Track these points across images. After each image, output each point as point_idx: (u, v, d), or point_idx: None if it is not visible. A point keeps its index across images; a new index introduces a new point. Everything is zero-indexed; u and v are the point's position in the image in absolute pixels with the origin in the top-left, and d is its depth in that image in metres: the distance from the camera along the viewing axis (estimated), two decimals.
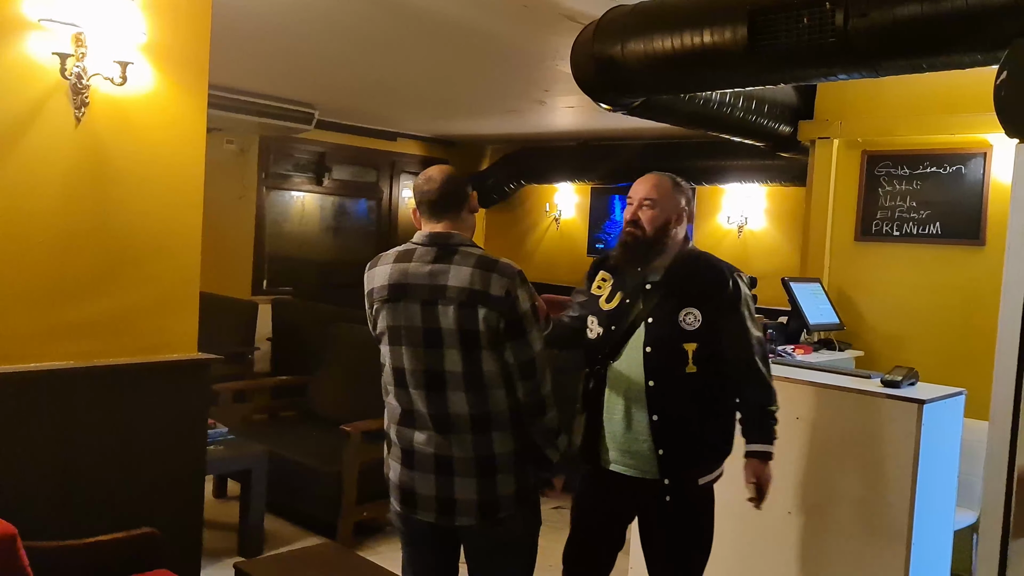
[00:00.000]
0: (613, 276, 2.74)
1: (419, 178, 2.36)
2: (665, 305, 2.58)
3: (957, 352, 4.43)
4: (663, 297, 2.60)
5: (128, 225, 3.00)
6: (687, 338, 2.55)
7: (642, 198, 2.63)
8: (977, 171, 4.58)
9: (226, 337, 6.32)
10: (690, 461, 2.60)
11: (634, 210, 2.63)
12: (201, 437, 3.30)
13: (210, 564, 3.92)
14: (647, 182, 2.67)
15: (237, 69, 5.76)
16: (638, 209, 2.63)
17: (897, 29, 2.82)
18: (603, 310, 2.69)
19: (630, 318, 2.62)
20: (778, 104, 4.97)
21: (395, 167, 9.42)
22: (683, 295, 2.58)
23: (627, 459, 2.61)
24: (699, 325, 2.55)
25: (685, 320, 2.56)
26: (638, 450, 2.58)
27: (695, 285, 2.60)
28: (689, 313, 2.56)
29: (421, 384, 2.26)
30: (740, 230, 7.96)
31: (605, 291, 2.73)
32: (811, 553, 3.26)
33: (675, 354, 2.55)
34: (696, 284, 2.61)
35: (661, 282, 2.62)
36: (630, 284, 2.67)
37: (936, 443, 3.08)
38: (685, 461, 2.58)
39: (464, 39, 4.66)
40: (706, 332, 2.55)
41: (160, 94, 3.03)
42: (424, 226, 2.35)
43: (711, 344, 2.56)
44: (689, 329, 2.55)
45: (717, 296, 2.58)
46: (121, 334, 3.01)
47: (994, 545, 2.04)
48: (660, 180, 2.66)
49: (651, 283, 2.63)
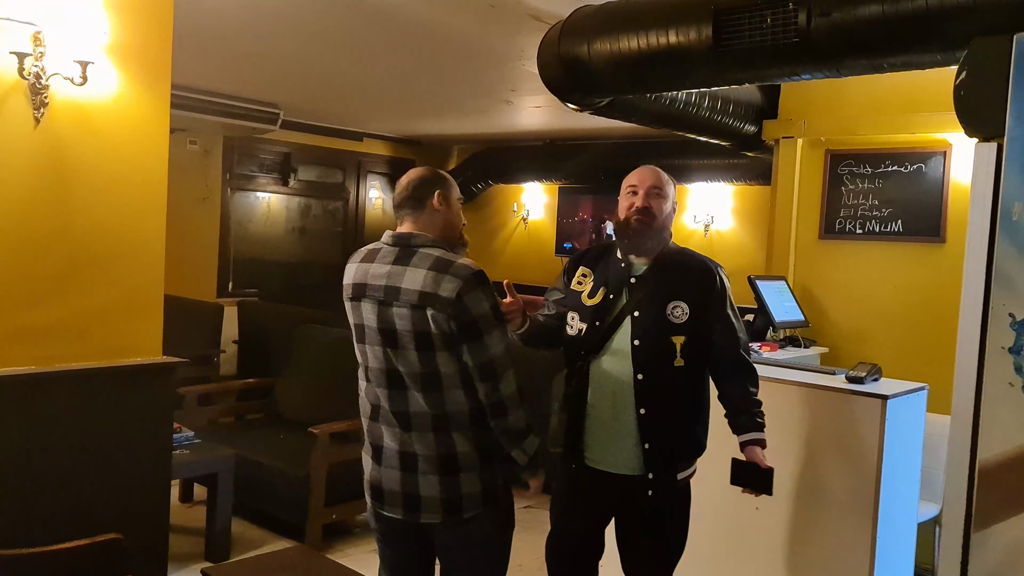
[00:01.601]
0: (594, 271, 2.71)
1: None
2: (652, 299, 2.58)
3: (919, 348, 4.50)
4: (650, 291, 2.59)
5: (90, 227, 2.96)
6: (675, 331, 2.54)
7: (651, 186, 2.62)
8: (937, 170, 4.66)
9: (191, 340, 6.23)
10: (674, 455, 2.60)
11: (644, 198, 2.61)
12: (166, 441, 3.26)
13: (177, 569, 3.88)
14: (653, 172, 2.67)
15: (200, 69, 5.69)
16: (648, 197, 2.61)
17: (859, 29, 2.86)
18: (586, 305, 2.66)
19: (614, 312, 2.60)
20: (743, 104, 5.02)
21: (361, 167, 9.36)
22: (670, 289, 2.58)
23: (610, 456, 2.59)
24: (687, 318, 2.55)
25: (673, 313, 2.55)
26: (622, 446, 2.57)
27: (682, 279, 2.61)
28: (677, 306, 2.56)
29: (384, 382, 2.29)
30: (706, 229, 8.02)
31: (587, 286, 2.69)
32: (778, 547, 3.29)
33: (663, 347, 2.54)
34: (683, 278, 2.61)
35: (646, 276, 2.61)
36: (613, 278, 2.65)
37: (899, 437, 3.13)
38: (669, 455, 2.59)
39: (430, 38, 4.64)
40: (693, 325, 2.55)
41: (122, 94, 2.99)
42: (397, 228, 2.38)
43: (698, 338, 2.57)
44: (677, 322, 2.55)
45: (706, 290, 2.60)
46: (84, 338, 2.97)
47: (956, 537, 2.08)
48: (662, 172, 2.68)
49: (636, 277, 2.62)
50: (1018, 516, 1.99)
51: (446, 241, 2.32)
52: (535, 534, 2.79)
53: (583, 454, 2.63)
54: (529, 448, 2.31)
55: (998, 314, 2.03)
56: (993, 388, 2.03)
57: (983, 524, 2.04)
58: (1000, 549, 2.01)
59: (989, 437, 2.03)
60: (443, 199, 2.34)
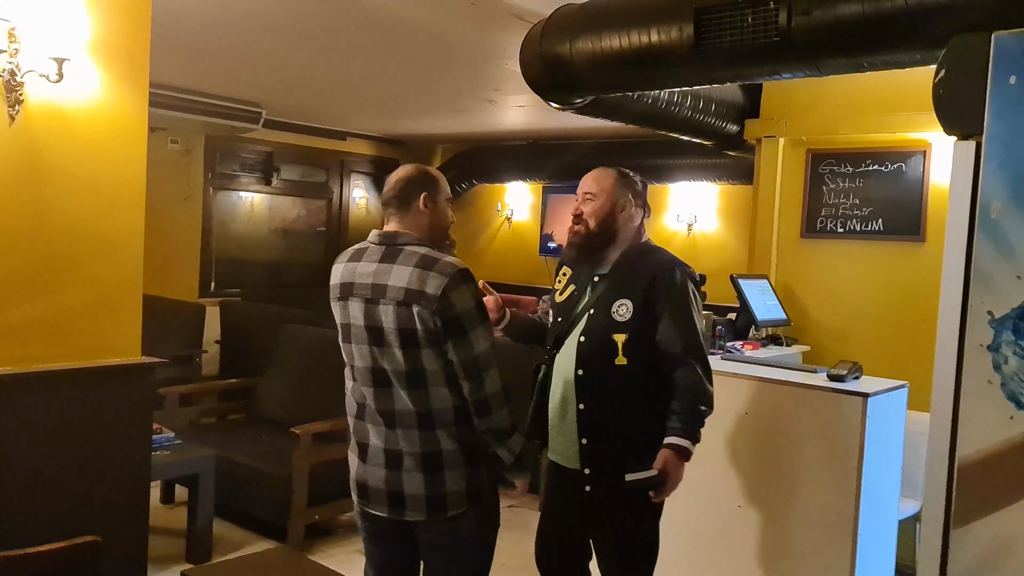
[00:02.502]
0: (572, 270, 2.79)
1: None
2: (606, 297, 2.62)
3: (900, 346, 4.52)
4: (606, 289, 2.63)
5: (66, 226, 2.92)
6: (617, 328, 2.55)
7: (584, 192, 2.68)
8: (917, 169, 4.69)
9: (173, 340, 6.19)
10: (612, 454, 2.57)
11: (578, 204, 2.67)
12: (146, 442, 3.23)
13: (157, 572, 3.85)
14: (588, 176, 2.72)
15: (181, 67, 5.65)
16: (581, 203, 2.67)
17: (839, 28, 2.86)
18: (556, 303, 2.77)
19: (577, 310, 2.66)
20: (725, 103, 5.03)
21: (345, 167, 9.32)
22: (621, 287, 2.60)
23: (560, 448, 2.67)
24: (630, 316, 2.54)
25: (617, 311, 2.57)
26: (568, 439, 2.63)
27: (634, 276, 2.61)
28: (622, 304, 2.57)
29: (369, 381, 2.30)
30: (690, 228, 8.04)
31: (561, 284, 2.79)
32: (761, 545, 3.30)
33: (605, 344, 2.56)
34: (635, 275, 2.61)
35: (607, 274, 2.66)
36: (582, 277, 2.72)
37: (880, 435, 3.15)
38: (606, 453, 2.57)
39: (413, 37, 4.63)
40: (637, 324, 2.54)
41: (99, 92, 2.95)
42: (384, 227, 2.39)
43: (643, 336, 2.54)
44: (620, 320, 2.56)
45: (654, 288, 2.56)
46: (60, 338, 2.93)
47: (936, 534, 2.09)
48: (601, 173, 2.70)
49: (599, 275, 2.68)
50: (997, 513, 2.00)
51: (432, 240, 2.33)
52: (519, 533, 2.80)
53: (547, 446, 2.72)
54: (514, 447, 2.32)
55: (977, 312, 2.03)
56: (972, 386, 2.04)
57: (962, 521, 2.05)
58: (979, 546, 2.02)
59: (968, 434, 2.04)
60: (429, 201, 2.34)
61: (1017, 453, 1.97)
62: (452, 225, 2.45)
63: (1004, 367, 1.99)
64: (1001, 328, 2.00)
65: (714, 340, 4.16)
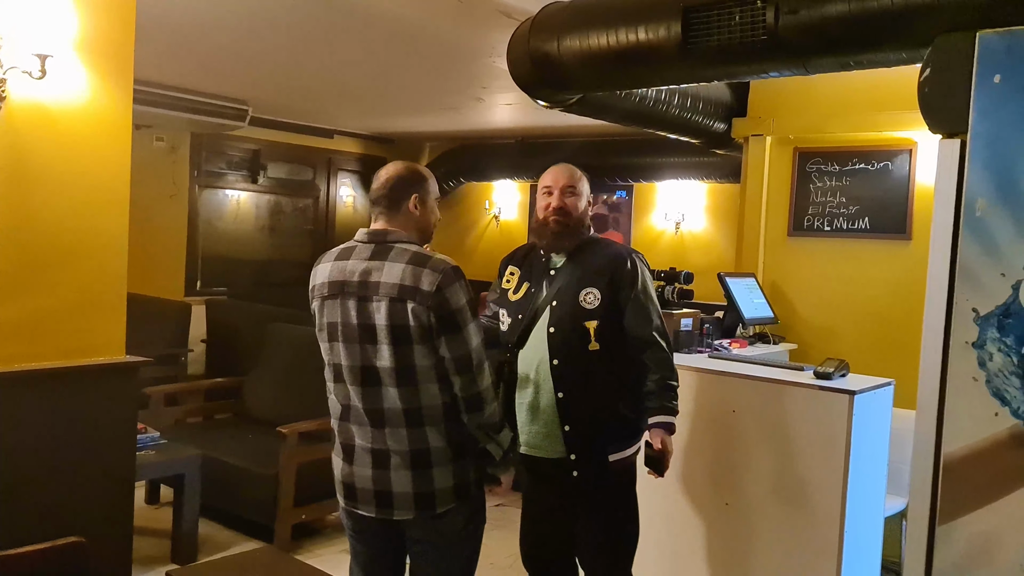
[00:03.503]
0: (520, 269, 2.87)
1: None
2: (567, 288, 2.70)
3: (886, 343, 4.54)
4: (566, 280, 2.71)
5: (49, 224, 2.90)
6: (587, 316, 2.66)
7: (565, 186, 2.77)
8: (903, 167, 4.71)
9: (158, 339, 6.15)
10: (596, 436, 2.68)
11: (560, 198, 2.74)
12: (130, 442, 3.21)
13: (142, 572, 3.83)
14: (565, 171, 2.81)
15: (166, 64, 5.61)
16: (563, 197, 2.75)
17: (826, 26, 2.87)
18: (511, 301, 2.82)
19: (536, 304, 2.73)
20: (712, 101, 5.04)
21: (332, 165, 9.29)
22: (584, 277, 2.70)
23: (537, 440, 2.70)
24: (598, 304, 2.67)
25: (585, 299, 2.68)
26: (546, 431, 2.68)
27: (594, 265, 2.72)
28: (589, 292, 2.68)
29: (357, 380, 2.28)
30: (677, 227, 8.05)
31: (513, 283, 2.85)
32: (748, 542, 3.31)
33: (577, 332, 2.67)
34: (595, 264, 2.72)
35: (564, 267, 2.75)
36: (536, 273, 2.80)
37: (866, 432, 3.16)
38: (591, 436, 2.67)
39: (400, 34, 4.61)
40: (605, 310, 2.67)
41: (83, 89, 2.93)
42: (371, 223, 2.38)
43: (611, 322, 2.67)
44: (589, 308, 2.67)
45: (617, 275, 2.70)
46: (43, 337, 2.91)
47: (921, 530, 2.10)
48: (573, 169, 2.82)
49: (555, 269, 2.76)
50: (982, 509, 2.01)
51: (419, 239, 2.35)
52: (506, 531, 2.80)
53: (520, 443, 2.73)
54: (504, 441, 2.35)
55: (962, 309, 2.04)
56: (957, 382, 2.05)
57: (948, 517, 2.05)
58: (964, 542, 2.03)
59: (954, 431, 2.05)
60: (419, 202, 2.34)
61: (1002, 450, 1.98)
62: (438, 224, 2.46)
63: (989, 364, 2.00)
64: (986, 325, 2.00)
65: (702, 338, 4.17)
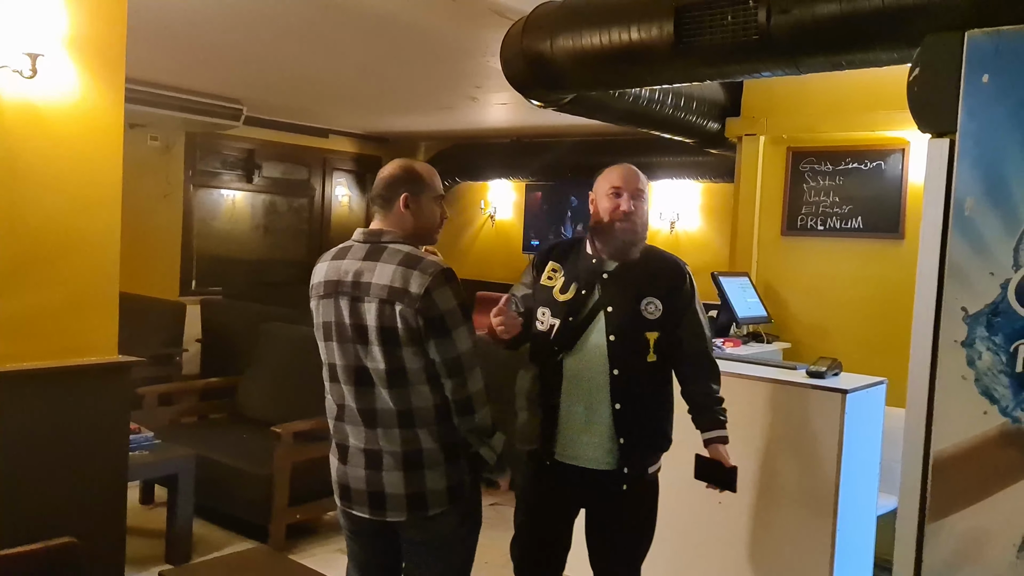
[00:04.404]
0: (563, 266, 2.69)
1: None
2: (625, 295, 2.59)
3: (879, 342, 4.56)
4: (622, 287, 2.60)
5: (40, 224, 2.90)
6: (649, 327, 2.57)
7: (636, 188, 2.63)
8: (896, 167, 4.72)
9: (153, 339, 6.14)
10: (648, 449, 2.64)
11: (629, 201, 2.60)
12: (122, 441, 3.20)
13: (136, 573, 3.82)
14: (635, 173, 2.67)
15: (160, 63, 5.61)
16: (633, 200, 2.60)
17: (817, 26, 2.89)
18: (558, 301, 2.64)
19: (587, 308, 2.60)
20: (706, 101, 5.05)
21: (327, 164, 9.29)
22: (643, 285, 2.61)
23: (585, 451, 2.59)
24: (660, 315, 2.58)
25: (647, 309, 2.58)
26: (597, 441, 2.58)
27: (654, 276, 2.64)
28: (651, 303, 2.59)
29: (350, 380, 2.28)
30: (672, 226, 8.06)
31: (558, 282, 2.67)
32: (740, 541, 3.31)
33: (638, 343, 2.57)
34: (655, 275, 2.64)
35: (618, 272, 2.62)
36: (584, 274, 2.64)
37: (859, 431, 3.17)
38: (643, 450, 2.62)
39: (394, 34, 4.61)
40: (666, 322, 2.59)
41: (74, 88, 2.93)
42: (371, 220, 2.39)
43: (670, 334, 2.60)
44: (651, 318, 2.57)
45: (677, 288, 2.63)
46: (34, 336, 2.90)
47: (911, 528, 2.10)
48: (638, 171, 2.69)
49: (608, 273, 2.62)
50: (971, 507, 2.01)
51: (416, 239, 2.33)
52: (501, 531, 2.78)
53: (554, 450, 2.62)
54: (496, 445, 2.32)
55: (951, 308, 2.05)
56: (947, 381, 2.05)
57: (937, 515, 2.06)
58: (953, 540, 2.04)
59: (943, 430, 2.05)
60: (411, 201, 2.32)
61: (991, 448, 1.98)
62: (444, 223, 2.43)
63: (978, 362, 2.00)
64: (975, 324, 2.01)
65: None
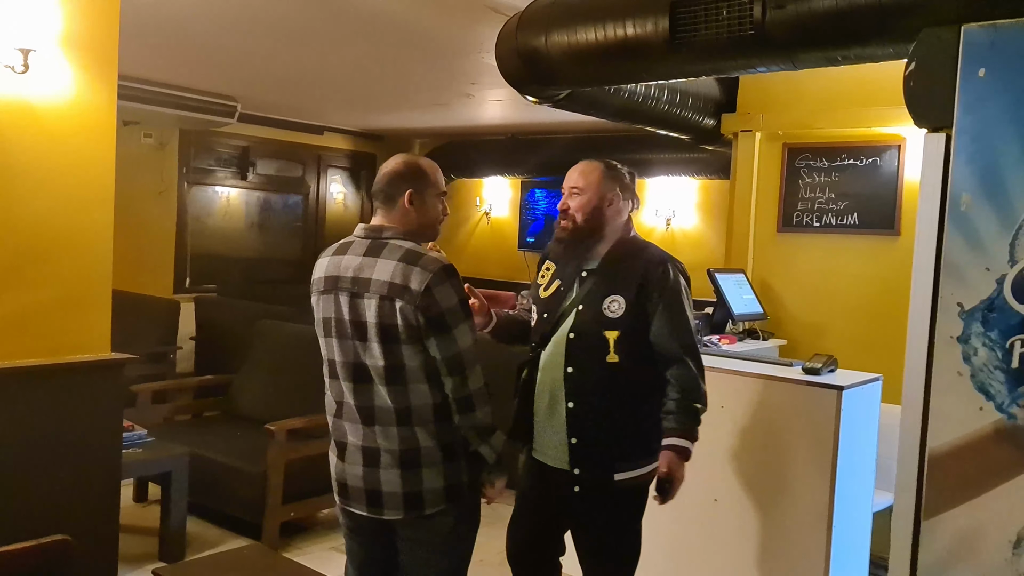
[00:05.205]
0: (556, 264, 2.71)
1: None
2: (595, 292, 2.54)
3: (875, 339, 4.55)
4: (595, 284, 2.56)
5: (32, 221, 2.88)
6: (609, 325, 2.49)
7: (570, 186, 2.60)
8: (892, 163, 4.72)
9: (147, 337, 6.12)
10: (603, 453, 2.51)
11: (564, 199, 2.60)
12: (116, 439, 3.19)
13: (130, 571, 3.80)
14: (575, 170, 2.64)
15: (154, 60, 5.58)
16: (568, 198, 2.59)
17: (813, 21, 2.88)
18: (540, 298, 2.68)
19: (564, 306, 2.59)
20: (702, 97, 5.04)
21: (322, 161, 9.27)
22: (613, 282, 2.54)
23: (545, 448, 2.59)
24: (622, 313, 2.48)
25: (609, 308, 2.50)
26: (556, 439, 2.55)
27: (624, 272, 2.55)
28: (614, 300, 2.50)
29: (349, 376, 2.27)
30: (668, 223, 8.05)
31: (546, 279, 2.70)
32: (737, 538, 3.31)
33: (596, 341, 2.49)
34: (625, 271, 2.54)
35: (596, 269, 2.58)
36: (568, 272, 2.64)
37: (855, 428, 3.16)
38: (598, 453, 2.50)
39: (389, 30, 4.60)
40: (630, 320, 2.48)
41: (66, 84, 2.91)
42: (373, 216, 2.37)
43: (636, 333, 2.49)
44: (612, 317, 2.49)
45: (648, 285, 2.50)
46: (27, 334, 2.89)
47: (907, 525, 2.10)
48: (587, 166, 2.62)
49: (587, 270, 2.60)
50: (967, 504, 2.01)
51: (417, 235, 2.32)
52: (497, 529, 2.77)
53: (532, 444, 2.64)
54: (496, 444, 2.29)
55: (947, 304, 2.04)
56: (942, 377, 2.04)
57: (933, 512, 2.05)
58: (948, 537, 2.03)
59: (939, 426, 2.05)
60: (415, 197, 2.30)
61: (986, 444, 1.98)
62: (444, 219, 2.42)
63: (973, 358, 2.00)
64: (970, 320, 2.00)
65: (697, 340, 4.16)
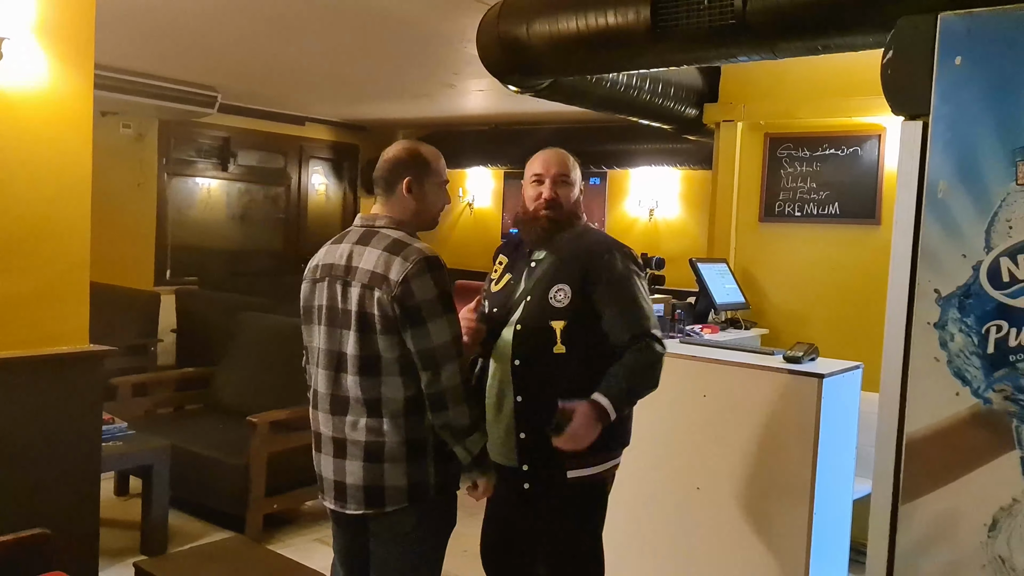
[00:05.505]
0: (509, 258, 2.64)
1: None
2: (543, 282, 2.47)
3: (855, 327, 4.58)
4: (542, 274, 2.49)
5: (7, 212, 2.85)
6: (555, 315, 2.40)
7: (558, 174, 2.50)
8: (872, 153, 4.74)
9: (127, 329, 6.08)
10: (553, 449, 2.33)
11: (552, 188, 2.49)
12: (95, 432, 3.17)
13: (111, 564, 3.78)
14: (557, 157, 2.54)
15: (133, 50, 5.52)
16: (555, 186, 2.49)
17: (793, 10, 2.88)
18: (492, 292, 2.61)
19: (513, 298, 2.51)
20: (684, 87, 5.04)
21: (304, 153, 9.22)
22: (558, 270, 2.46)
23: (496, 444, 2.44)
24: (568, 302, 2.40)
25: (555, 297, 2.42)
26: (504, 436, 2.46)
27: (571, 261, 2.47)
28: (560, 289, 2.42)
29: (329, 365, 2.25)
30: (651, 213, 8.07)
31: (497, 274, 2.64)
32: (718, 526, 3.33)
33: (542, 332, 2.40)
34: (570, 259, 2.47)
35: (543, 260, 2.51)
36: (518, 265, 2.57)
37: (835, 415, 3.18)
38: (548, 448, 2.34)
39: (370, 20, 4.57)
40: (576, 310, 2.40)
41: (41, 73, 2.87)
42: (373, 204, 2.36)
43: (583, 322, 2.41)
44: (558, 306, 2.41)
45: (594, 272, 2.43)
46: (3, 326, 2.86)
47: (885, 510, 2.11)
48: (566, 155, 2.55)
49: (535, 262, 2.53)
50: (944, 488, 2.03)
51: (415, 225, 2.29)
52: (481, 519, 2.76)
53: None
54: (472, 446, 2.22)
55: (924, 290, 2.06)
56: (920, 363, 2.06)
57: (910, 497, 2.07)
58: (926, 521, 2.05)
59: (917, 411, 2.06)
60: (414, 184, 2.26)
61: (963, 429, 1.99)
62: (446, 208, 2.38)
63: (950, 344, 2.01)
64: (947, 306, 2.02)
65: (673, 324, 4.18)
